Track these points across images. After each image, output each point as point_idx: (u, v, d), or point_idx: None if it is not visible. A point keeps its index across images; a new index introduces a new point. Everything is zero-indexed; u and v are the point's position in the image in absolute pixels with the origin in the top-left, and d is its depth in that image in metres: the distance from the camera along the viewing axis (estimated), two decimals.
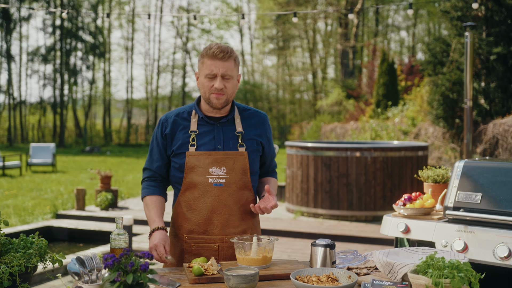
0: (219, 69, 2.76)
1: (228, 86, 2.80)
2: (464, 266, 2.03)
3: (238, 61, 2.86)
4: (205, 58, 2.80)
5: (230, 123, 2.89)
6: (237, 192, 2.83)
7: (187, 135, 2.85)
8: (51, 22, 37.94)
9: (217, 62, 2.76)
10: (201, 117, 2.88)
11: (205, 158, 2.80)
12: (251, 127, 2.93)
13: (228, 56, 2.77)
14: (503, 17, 11.91)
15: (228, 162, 2.81)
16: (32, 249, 2.82)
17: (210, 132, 2.86)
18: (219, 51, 2.76)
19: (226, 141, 2.85)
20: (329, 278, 2.29)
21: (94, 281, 2.03)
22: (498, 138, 11.53)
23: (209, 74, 2.78)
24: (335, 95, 26.31)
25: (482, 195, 3.36)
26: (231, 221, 2.83)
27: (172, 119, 2.91)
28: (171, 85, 43.69)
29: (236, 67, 2.84)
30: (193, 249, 2.85)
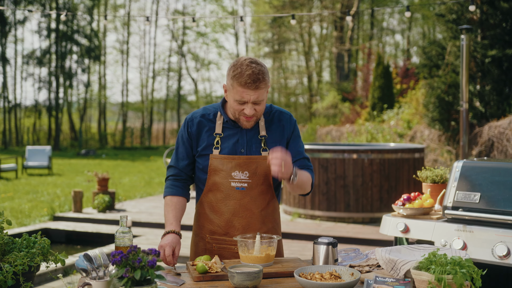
0: (251, 97, 2.69)
1: (258, 108, 2.75)
2: (466, 262, 2.06)
3: (269, 79, 2.75)
4: (235, 83, 2.69)
5: (254, 127, 2.87)
6: (259, 196, 2.84)
7: (212, 137, 2.86)
8: (46, 25, 37.90)
9: (248, 91, 2.68)
10: (226, 120, 2.86)
11: (228, 162, 2.80)
12: (275, 130, 2.90)
13: (260, 84, 2.68)
14: (498, 20, 11.98)
15: (251, 166, 2.81)
16: (35, 248, 2.85)
17: (234, 136, 2.85)
18: (251, 81, 2.65)
19: (249, 145, 2.84)
20: (332, 275, 2.32)
21: (102, 278, 2.05)
22: (493, 140, 11.60)
23: (240, 101, 2.72)
24: (330, 98, 26.37)
25: (480, 194, 3.40)
26: (252, 224, 2.84)
27: (197, 119, 2.90)
28: (167, 88, 43.69)
29: (267, 88, 2.75)
30: (214, 249, 2.88)
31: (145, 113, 42.51)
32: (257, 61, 2.73)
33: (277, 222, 3.00)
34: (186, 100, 44.29)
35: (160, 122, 45.18)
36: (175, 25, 42.40)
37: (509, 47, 11.82)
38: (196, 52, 43.94)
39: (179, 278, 2.48)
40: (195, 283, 2.41)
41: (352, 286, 2.23)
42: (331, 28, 34.18)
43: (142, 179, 17.35)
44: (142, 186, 15.49)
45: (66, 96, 39.22)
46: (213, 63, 44.52)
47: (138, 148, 38.04)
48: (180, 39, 42.59)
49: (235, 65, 2.71)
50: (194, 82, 43.77)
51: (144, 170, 21.43)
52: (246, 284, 2.29)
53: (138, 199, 13.03)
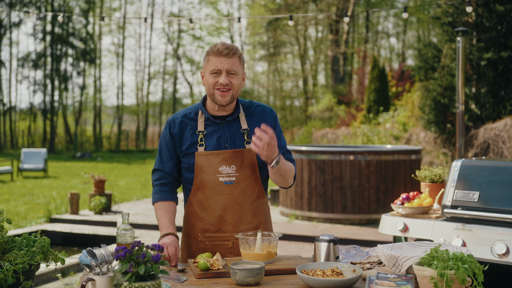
0: (224, 65, 2.79)
1: (233, 82, 2.82)
2: (468, 258, 2.07)
3: (243, 59, 2.89)
4: (210, 56, 2.83)
5: (236, 121, 2.92)
6: (247, 188, 2.86)
7: (195, 136, 2.89)
8: (42, 28, 37.83)
9: (222, 59, 2.79)
10: (207, 117, 2.91)
11: (214, 158, 2.83)
12: (256, 123, 2.94)
13: (233, 53, 2.81)
14: (494, 23, 12.03)
15: (237, 160, 2.84)
16: (35, 247, 2.85)
17: (217, 131, 2.89)
18: (224, 48, 2.79)
19: (233, 139, 2.88)
20: (334, 272, 2.33)
21: (105, 273, 2.06)
22: (489, 142, 11.64)
23: (214, 70, 2.81)
24: (326, 101, 26.41)
25: (479, 193, 3.41)
26: (243, 218, 2.86)
27: (179, 119, 2.94)
28: (162, 92, 43.65)
29: (241, 65, 2.87)
30: (208, 247, 2.88)
31: (140, 116, 42.46)
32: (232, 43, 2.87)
33: (268, 215, 3.03)
34: (181, 103, 44.26)
35: (155, 125, 45.14)
36: (170, 28, 42.41)
37: (504, 49, 11.87)
38: (192, 56, 43.97)
39: (181, 275, 2.49)
40: (197, 280, 2.42)
41: (354, 282, 2.24)
42: (327, 31, 34.25)
43: (138, 182, 17.33)
44: (138, 189, 15.47)
45: (61, 99, 39.13)
46: None
47: (134, 151, 37.98)
48: (176, 42, 42.60)
49: (210, 46, 2.88)
50: (190, 85, 43.76)
51: (140, 172, 21.40)
52: (249, 280, 2.30)
53: (134, 201, 13.01)
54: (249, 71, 41.51)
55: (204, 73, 2.90)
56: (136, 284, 1.89)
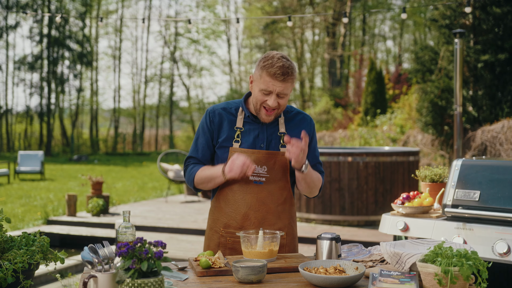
0: (276, 88, 2.73)
1: (281, 102, 2.78)
2: (472, 254, 2.07)
3: (296, 75, 2.82)
4: (264, 73, 2.73)
5: (274, 124, 2.90)
6: (276, 191, 2.85)
7: (233, 131, 2.88)
8: (38, 31, 37.78)
9: (276, 82, 2.72)
10: (247, 115, 2.89)
11: (247, 156, 2.81)
12: (294, 128, 2.92)
13: (289, 78, 2.73)
14: (491, 26, 12.06)
15: (269, 161, 2.83)
16: (34, 246, 2.83)
17: (254, 130, 2.87)
18: (280, 73, 2.70)
19: (269, 140, 2.87)
20: (337, 270, 2.32)
21: (107, 270, 2.04)
22: (486, 144, 11.65)
23: (265, 91, 2.74)
24: (323, 103, 26.43)
25: (480, 192, 3.41)
26: (267, 219, 2.85)
27: (219, 111, 2.92)
28: (159, 95, 43.61)
29: (293, 84, 2.80)
30: (228, 243, 2.87)
31: (137, 119, 42.41)
32: (288, 58, 2.78)
33: (294, 219, 3.01)
34: (178, 106, 44.22)
35: (152, 128, 45.06)
36: (167, 31, 42.41)
37: (501, 52, 11.90)
38: (188, 59, 43.95)
39: (183, 273, 2.47)
40: (198, 278, 2.40)
41: (357, 280, 2.23)
42: (323, 34, 34.29)
43: (135, 184, 17.30)
44: (135, 191, 15.44)
45: (57, 101, 39.06)
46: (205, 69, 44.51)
47: (130, 154, 37.92)
48: (173, 45, 42.59)
49: (266, 57, 2.76)
50: (187, 88, 43.74)
51: (137, 175, 21.37)
52: (251, 278, 2.29)
53: (132, 203, 12.98)
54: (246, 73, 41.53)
55: (254, 81, 2.82)
56: (139, 280, 1.87)
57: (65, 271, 6.84)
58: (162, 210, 11.49)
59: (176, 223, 9.81)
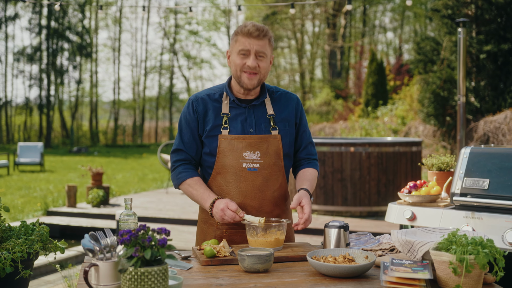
0: (253, 46, 2.66)
1: (261, 65, 2.70)
2: (488, 242, 1.99)
3: (273, 42, 2.76)
4: (239, 36, 2.69)
5: (261, 106, 2.80)
6: (270, 176, 2.75)
7: (219, 118, 2.75)
8: (37, 22, 37.62)
9: (251, 40, 2.66)
10: (233, 99, 2.77)
11: (238, 142, 2.70)
12: (282, 109, 2.83)
13: (263, 35, 2.68)
14: (493, 16, 11.96)
15: (262, 146, 2.72)
16: (33, 235, 2.76)
17: (241, 115, 2.76)
18: (254, 29, 2.66)
19: (258, 124, 2.76)
20: (346, 259, 2.25)
21: (109, 258, 1.96)
22: (489, 135, 11.58)
23: (242, 50, 2.67)
24: (323, 95, 26.36)
25: (489, 181, 3.33)
26: (264, 206, 2.75)
27: (202, 98, 2.80)
28: (159, 86, 43.52)
29: (271, 47, 2.75)
30: (225, 235, 2.77)
31: (137, 111, 42.32)
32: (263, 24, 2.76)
33: (289, 204, 2.92)
34: (178, 98, 44.14)
35: (152, 120, 44.98)
36: (167, 22, 42.23)
37: (504, 42, 11.81)
38: (188, 50, 43.81)
39: (186, 262, 2.40)
40: (203, 268, 2.33)
41: (367, 269, 2.16)
42: (324, 25, 34.14)
43: (135, 175, 17.24)
44: (136, 182, 15.37)
45: (57, 93, 38.95)
46: (205, 61, 44.38)
47: (130, 146, 37.85)
48: (172, 37, 42.43)
49: (240, 25, 2.74)
50: (186, 80, 43.63)
51: (137, 166, 21.30)
52: (257, 267, 2.21)
53: (132, 194, 12.93)
54: None
55: (230, 53, 2.76)
56: (142, 269, 1.79)
57: (65, 262, 6.78)
58: (162, 201, 11.42)
59: (177, 214, 9.74)
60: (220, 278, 2.16)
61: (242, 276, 2.20)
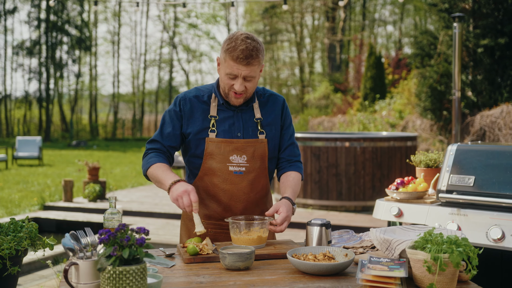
0: (241, 72, 2.62)
1: (249, 86, 2.68)
2: (463, 241, 2.02)
3: (263, 55, 2.68)
4: (228, 56, 2.61)
5: (249, 109, 2.80)
6: (256, 179, 2.78)
7: (207, 120, 2.76)
8: (36, 16, 37.57)
9: (239, 66, 2.60)
10: (222, 102, 2.77)
11: (226, 146, 2.72)
12: (269, 112, 2.84)
13: (252, 60, 2.61)
14: (491, 10, 11.94)
15: (248, 150, 2.74)
16: (22, 232, 2.79)
17: (229, 118, 2.76)
18: (243, 56, 2.58)
19: (246, 128, 2.77)
20: (326, 256, 2.28)
21: (89, 257, 1.99)
22: (485, 129, 11.59)
23: (230, 74, 2.64)
24: (322, 89, 26.33)
25: (475, 178, 3.36)
26: (249, 208, 2.80)
27: (191, 99, 2.79)
28: (158, 80, 43.51)
29: (260, 66, 2.69)
30: (210, 234, 2.81)
31: (136, 105, 42.31)
32: (253, 37, 2.65)
33: (271, 204, 2.96)
34: (177, 92, 44.11)
35: (151, 114, 45.01)
36: (166, 16, 42.17)
37: (501, 36, 11.80)
38: (188, 44, 43.75)
39: (170, 260, 2.43)
40: (185, 265, 2.36)
41: (346, 266, 2.19)
42: (323, 18, 34.09)
43: (133, 170, 17.27)
44: (133, 176, 15.41)
45: (56, 87, 38.96)
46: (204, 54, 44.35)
47: (130, 139, 37.88)
48: (172, 30, 42.37)
49: (230, 39, 2.64)
50: (186, 73, 43.61)
51: (135, 160, 21.33)
52: (238, 265, 2.25)
53: (129, 188, 12.96)
54: None
55: (220, 64, 2.71)
56: (120, 268, 1.82)
57: (60, 257, 6.82)
58: (159, 195, 11.46)
59: (173, 209, 9.78)
60: (201, 276, 2.19)
61: (223, 274, 2.23)
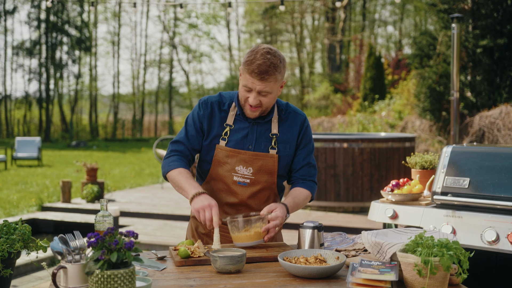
0: (256, 86, 2.60)
1: (264, 100, 2.65)
2: (453, 244, 2.01)
3: (281, 72, 2.64)
4: (245, 69, 2.61)
5: (267, 124, 2.77)
6: (260, 192, 2.78)
7: (222, 128, 2.76)
8: (36, 16, 37.57)
9: (254, 80, 2.59)
10: (239, 113, 2.76)
11: (233, 156, 2.72)
12: (287, 130, 2.80)
13: (268, 76, 2.57)
14: (490, 10, 11.94)
15: (256, 163, 2.73)
16: (15, 235, 2.78)
17: (244, 130, 2.75)
18: (258, 72, 2.56)
19: (258, 142, 2.75)
20: (317, 259, 2.27)
21: (78, 261, 1.99)
22: (484, 130, 11.58)
23: (246, 86, 2.63)
24: (322, 89, 26.32)
25: (470, 180, 3.35)
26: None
27: (212, 104, 2.79)
28: (158, 80, 43.50)
29: (278, 82, 2.64)
30: (212, 233, 2.82)
31: (136, 105, 42.31)
32: (275, 53, 2.61)
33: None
34: (177, 92, 44.11)
35: (151, 114, 44.97)
36: (166, 16, 42.17)
37: (500, 36, 11.79)
38: (188, 44, 43.74)
39: (161, 263, 2.42)
40: (176, 268, 2.35)
41: (337, 270, 2.18)
42: (323, 19, 34.08)
43: (132, 170, 17.26)
44: (132, 177, 15.40)
45: (56, 87, 38.95)
46: (205, 55, 44.32)
47: (130, 140, 37.87)
48: (172, 30, 42.37)
49: (251, 51, 2.62)
50: (186, 74, 43.59)
51: (134, 161, 21.33)
52: (229, 268, 2.24)
53: (127, 189, 12.95)
54: None
55: (241, 75, 2.69)
56: (108, 272, 1.81)
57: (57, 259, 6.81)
58: (157, 196, 11.45)
59: (171, 210, 9.77)
60: (192, 279, 2.18)
61: (213, 277, 2.22)
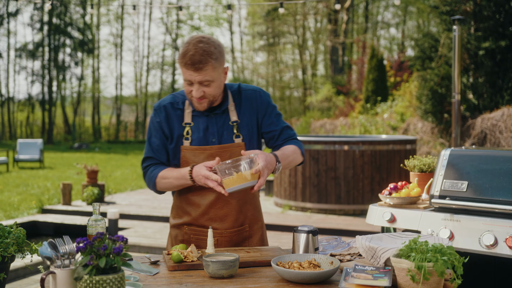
0: (195, 78, 2.55)
1: (208, 90, 2.59)
2: (448, 249, 1.98)
3: (217, 58, 2.57)
4: (181, 63, 2.57)
5: (224, 113, 2.72)
6: None
7: (182, 128, 2.71)
8: (39, 18, 37.64)
9: (191, 72, 2.54)
10: (194, 109, 2.71)
11: (199, 153, 2.66)
12: (247, 112, 2.74)
13: (202, 66, 2.52)
14: (492, 12, 11.90)
15: (224, 155, 2.66)
16: (9, 238, 2.76)
17: (203, 124, 2.69)
18: (190, 63, 2.52)
19: (220, 133, 2.69)
20: (311, 264, 2.24)
21: (67, 266, 1.96)
22: (486, 132, 11.54)
23: (186, 81, 2.59)
24: (325, 91, 26.29)
25: (468, 183, 3.32)
26: (229, 215, 2.73)
27: (166, 107, 2.74)
28: (161, 82, 43.52)
29: (217, 69, 2.58)
30: (192, 240, 2.77)
31: (139, 107, 42.34)
32: (208, 40, 2.57)
33: (258, 208, 2.88)
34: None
35: None
36: (169, 18, 42.21)
37: (502, 38, 11.76)
38: None
39: (154, 267, 2.40)
40: (169, 273, 2.33)
41: (330, 275, 2.15)
42: (326, 21, 34.06)
43: (134, 172, 17.25)
44: (133, 179, 15.39)
45: (59, 89, 39.01)
46: None
47: (132, 142, 37.90)
48: (174, 32, 42.40)
49: (185, 43, 2.60)
50: None
51: (136, 163, 21.32)
52: (222, 273, 2.21)
53: (128, 191, 12.93)
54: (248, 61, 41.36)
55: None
56: (97, 277, 1.79)
57: None
58: (158, 199, 11.44)
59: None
60: (184, 284, 2.16)
61: (206, 282, 2.19)
